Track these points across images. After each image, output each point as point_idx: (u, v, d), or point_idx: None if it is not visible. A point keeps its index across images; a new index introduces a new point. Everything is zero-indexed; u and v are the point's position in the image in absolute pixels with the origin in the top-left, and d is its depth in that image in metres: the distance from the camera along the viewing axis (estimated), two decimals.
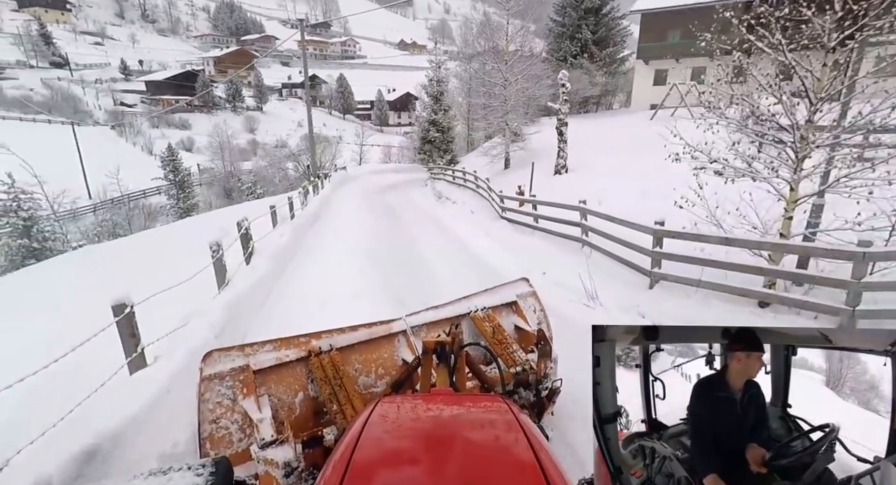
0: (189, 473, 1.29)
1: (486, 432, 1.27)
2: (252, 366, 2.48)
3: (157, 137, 56.07)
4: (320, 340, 2.71)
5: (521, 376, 2.73)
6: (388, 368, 2.87)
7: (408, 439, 1.24)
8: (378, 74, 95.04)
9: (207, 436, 2.33)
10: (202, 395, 2.37)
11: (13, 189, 17.05)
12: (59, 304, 7.91)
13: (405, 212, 14.97)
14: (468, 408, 1.45)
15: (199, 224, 16.59)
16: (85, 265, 11.76)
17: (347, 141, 62.67)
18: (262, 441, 2.02)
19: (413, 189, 23.48)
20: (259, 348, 2.59)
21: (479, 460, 1.09)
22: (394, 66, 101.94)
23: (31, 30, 73.00)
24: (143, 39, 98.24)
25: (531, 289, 3.59)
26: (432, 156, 27.89)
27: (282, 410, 2.49)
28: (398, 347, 2.96)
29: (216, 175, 43.48)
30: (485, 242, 9.83)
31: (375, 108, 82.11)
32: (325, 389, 2.50)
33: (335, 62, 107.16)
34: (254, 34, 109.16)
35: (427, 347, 2.09)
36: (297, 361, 2.62)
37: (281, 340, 2.67)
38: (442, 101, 28.04)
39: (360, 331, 2.86)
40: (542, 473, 0.97)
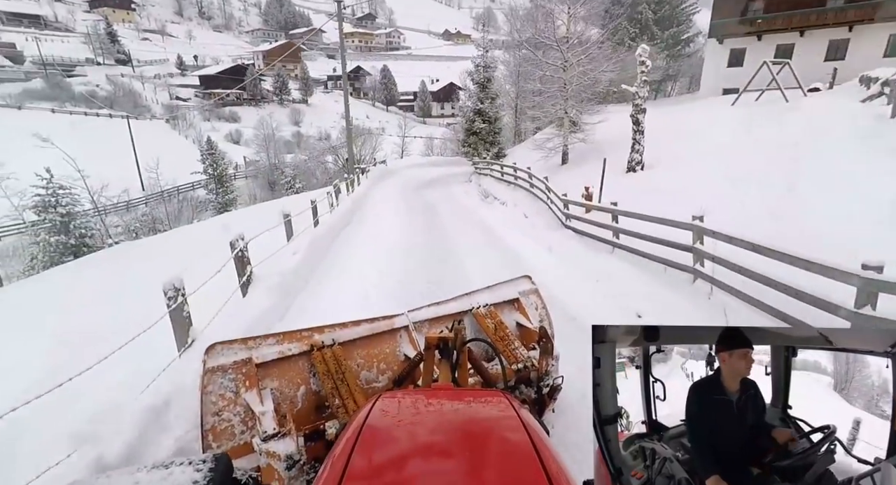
0: (189, 467, 1.30)
1: (487, 426, 1.27)
2: (255, 359, 2.47)
3: (208, 129, 57.45)
4: (323, 335, 2.71)
5: (523, 373, 2.71)
6: (389, 363, 2.87)
7: (408, 433, 1.22)
8: (422, 65, 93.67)
9: (210, 428, 2.31)
10: (205, 387, 2.35)
11: (52, 184, 16.77)
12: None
13: (448, 215, 13.07)
14: (469, 403, 1.46)
15: (228, 222, 15.56)
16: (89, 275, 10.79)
17: (390, 133, 62.26)
18: (264, 434, 2.02)
19: (456, 185, 21.56)
20: (262, 342, 2.58)
21: (480, 455, 1.09)
22: (438, 56, 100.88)
23: (99, 29, 77.26)
24: (198, 36, 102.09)
25: (533, 286, 3.57)
26: (477, 149, 25.74)
27: (284, 403, 2.46)
28: (400, 343, 2.95)
29: (260, 168, 43.66)
30: (547, 260, 7.72)
31: (418, 99, 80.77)
32: (328, 383, 2.49)
33: (380, 54, 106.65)
34: (302, 28, 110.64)
35: (430, 342, 2.07)
36: (299, 355, 2.62)
37: (284, 334, 2.67)
38: (489, 88, 25.73)
39: (363, 326, 2.87)
40: (543, 467, 0.97)
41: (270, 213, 13.89)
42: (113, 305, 6.76)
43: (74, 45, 76.31)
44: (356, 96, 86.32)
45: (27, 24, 77.54)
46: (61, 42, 76.00)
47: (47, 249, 16.43)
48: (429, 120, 75.79)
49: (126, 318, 3.95)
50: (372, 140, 35.04)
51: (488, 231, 10.54)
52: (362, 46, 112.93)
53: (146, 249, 14.12)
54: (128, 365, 3.14)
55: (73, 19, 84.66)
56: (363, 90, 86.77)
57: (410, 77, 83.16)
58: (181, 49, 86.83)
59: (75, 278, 10.82)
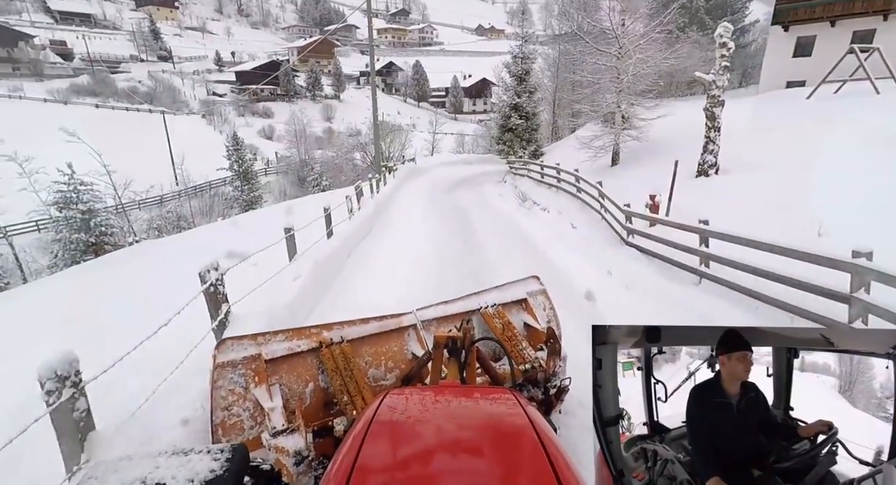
0: (207, 456, 1.31)
1: (495, 423, 1.26)
2: (264, 355, 2.48)
3: (242, 125, 58.05)
4: (332, 332, 2.72)
5: (530, 373, 2.68)
6: (397, 361, 2.87)
7: (417, 430, 1.22)
8: (455, 61, 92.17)
9: (219, 422, 2.33)
10: (215, 382, 2.37)
11: (73, 180, 16.31)
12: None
13: (482, 223, 11.53)
14: (476, 400, 1.45)
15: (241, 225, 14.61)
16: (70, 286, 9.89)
17: (421, 129, 61.44)
18: (273, 429, 2.04)
19: (489, 186, 19.97)
20: (271, 338, 2.59)
21: (488, 451, 1.09)
22: (471, 51, 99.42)
23: (143, 27, 79.75)
24: (237, 32, 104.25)
25: (541, 287, 3.53)
26: (513, 147, 23.97)
27: (292, 399, 2.49)
28: (408, 341, 2.95)
29: (291, 164, 43.40)
30: (611, 289, 6.06)
31: (450, 95, 79.25)
32: (336, 380, 2.49)
33: (412, 50, 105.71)
34: (336, 24, 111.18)
35: (438, 341, 2.06)
36: (308, 351, 2.62)
37: (293, 331, 2.68)
38: (527, 81, 23.87)
39: (371, 324, 2.87)
40: (551, 463, 0.96)
41: (304, 208, 12.68)
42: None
43: (120, 43, 79.15)
44: (388, 92, 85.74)
45: (78, 23, 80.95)
46: (108, 40, 79.05)
47: (68, 246, 16.00)
48: (460, 116, 74.26)
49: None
50: (401, 137, 33.84)
51: (530, 245, 8.93)
52: (395, 42, 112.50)
53: (160, 249, 13.31)
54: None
55: (121, 17, 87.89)
56: (395, 86, 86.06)
57: (442, 73, 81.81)
58: (220, 46, 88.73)
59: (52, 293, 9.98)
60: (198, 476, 1.21)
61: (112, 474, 1.21)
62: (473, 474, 0.97)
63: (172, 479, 1.19)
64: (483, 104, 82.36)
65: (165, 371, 2.93)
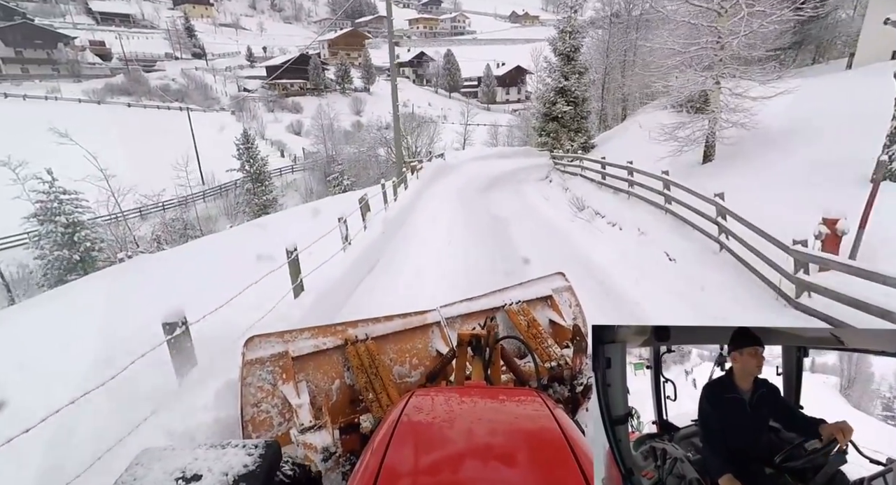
0: (242, 451, 1.37)
1: (521, 426, 1.27)
2: (291, 352, 2.52)
3: (271, 120, 56.87)
4: (357, 329, 2.74)
5: (556, 371, 2.62)
6: (422, 358, 2.88)
7: (442, 431, 1.23)
8: (487, 49, 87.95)
9: (249, 419, 2.37)
10: (244, 379, 2.42)
11: (53, 188, 14.34)
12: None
13: (529, 242, 8.41)
14: (502, 402, 1.46)
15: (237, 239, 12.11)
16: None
17: (452, 121, 58.38)
18: (301, 426, 2.05)
19: (530, 185, 16.66)
20: (298, 335, 2.63)
21: (514, 455, 1.10)
22: (504, 39, 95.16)
23: (178, 25, 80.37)
24: (269, 27, 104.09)
25: (567, 283, 3.47)
26: (559, 138, 20.43)
27: (319, 396, 2.52)
28: (432, 339, 2.96)
29: (318, 160, 41.47)
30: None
31: (482, 84, 75.35)
32: (361, 377, 2.50)
33: (444, 39, 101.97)
34: (368, 16, 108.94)
35: (462, 339, 2.07)
36: (333, 349, 2.66)
37: (319, 328, 2.71)
38: (576, 61, 20.17)
39: (396, 321, 2.88)
40: (579, 465, 0.97)
41: (302, 221, 10.17)
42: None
43: (157, 41, 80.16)
44: (419, 83, 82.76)
45: (118, 23, 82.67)
46: (146, 39, 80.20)
47: (53, 264, 14.09)
48: (493, 107, 70.35)
49: None
50: (430, 129, 30.78)
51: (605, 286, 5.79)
52: (426, 32, 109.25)
53: (151, 266, 11.01)
54: None
55: (158, 16, 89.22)
56: (426, 77, 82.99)
57: (475, 62, 77.99)
58: (253, 41, 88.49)
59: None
60: (232, 470, 1.29)
61: (156, 462, 1.33)
62: (499, 477, 1.00)
63: (208, 471, 1.28)
64: (517, 94, 77.98)
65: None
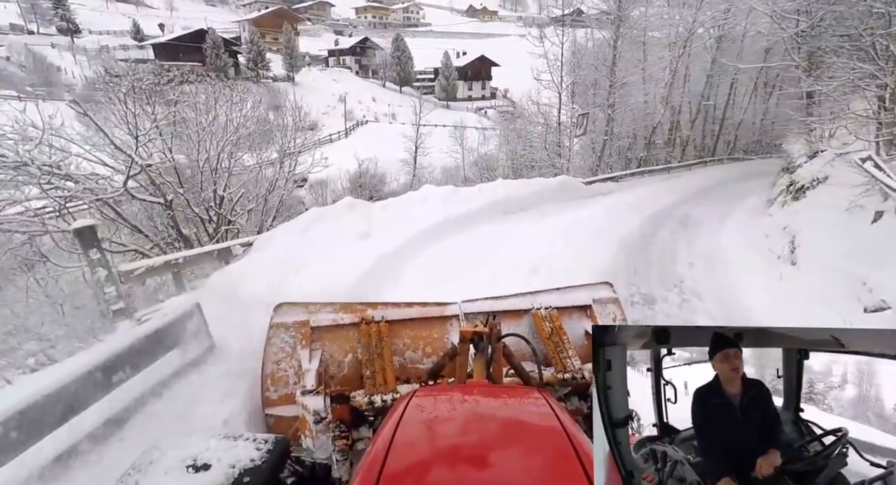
0: (252, 444, 1.43)
1: (523, 425, 1.26)
2: (311, 322, 2.73)
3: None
4: (375, 310, 2.87)
5: (579, 384, 2.56)
6: (436, 348, 2.90)
7: (444, 432, 1.22)
8: (443, 43, 75.29)
9: (269, 373, 2.63)
10: (270, 339, 2.68)
11: None
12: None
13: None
14: (504, 401, 1.46)
15: None
16: None
17: (402, 120, 44.35)
18: (303, 388, 2.21)
19: None
20: (321, 308, 2.83)
21: (515, 454, 1.09)
22: (462, 33, 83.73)
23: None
24: (183, 8, 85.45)
25: (613, 295, 3.26)
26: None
27: (332, 366, 2.71)
28: (450, 331, 2.96)
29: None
30: None
31: (440, 77, 61.99)
32: (366, 355, 2.65)
33: (396, 30, 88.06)
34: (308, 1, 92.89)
35: (464, 335, 2.04)
36: (350, 325, 2.81)
37: (342, 305, 2.89)
38: None
39: (414, 308, 2.98)
40: (582, 466, 0.95)
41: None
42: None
43: (9, 11, 60.28)
44: (363, 75, 68.02)
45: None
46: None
47: None
48: (454, 104, 57.08)
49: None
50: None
51: None
52: (376, 22, 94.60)
53: None
54: None
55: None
56: (371, 68, 68.43)
57: (431, 50, 64.61)
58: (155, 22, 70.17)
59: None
60: (239, 463, 1.36)
61: (172, 448, 1.42)
62: (499, 481, 0.99)
63: (218, 461, 1.36)
64: (482, 89, 65.35)
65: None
